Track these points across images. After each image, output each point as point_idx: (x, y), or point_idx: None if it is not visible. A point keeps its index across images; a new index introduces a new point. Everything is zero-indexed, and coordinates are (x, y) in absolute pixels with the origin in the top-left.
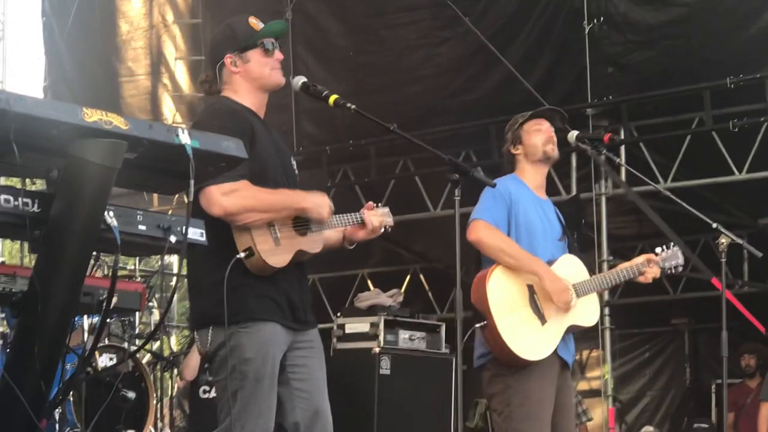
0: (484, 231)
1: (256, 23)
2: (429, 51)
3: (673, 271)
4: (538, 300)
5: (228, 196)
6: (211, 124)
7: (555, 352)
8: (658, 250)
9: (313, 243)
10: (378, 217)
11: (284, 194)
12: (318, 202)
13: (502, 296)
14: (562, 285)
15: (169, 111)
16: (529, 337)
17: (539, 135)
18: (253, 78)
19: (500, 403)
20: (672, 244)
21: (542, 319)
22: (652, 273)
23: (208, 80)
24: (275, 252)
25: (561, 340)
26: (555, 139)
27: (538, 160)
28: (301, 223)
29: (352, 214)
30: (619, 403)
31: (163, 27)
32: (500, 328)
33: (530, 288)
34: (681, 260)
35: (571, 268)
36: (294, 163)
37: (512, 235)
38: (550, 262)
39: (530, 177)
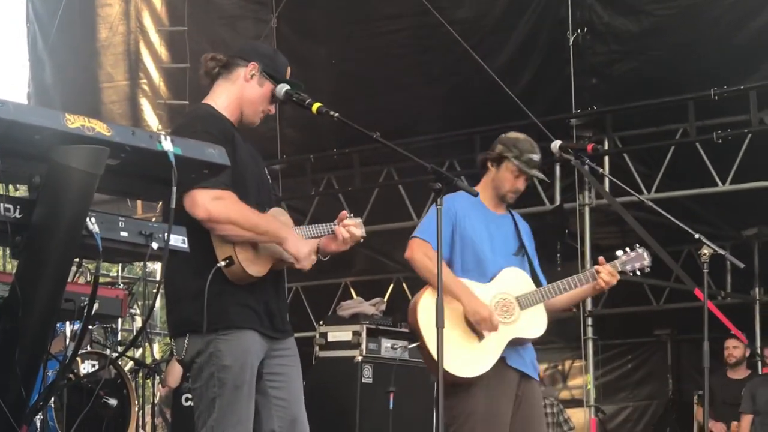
0: (417, 251)
1: (289, 72)
2: (413, 59)
3: (638, 273)
4: None
5: (215, 202)
6: (194, 128)
7: (506, 364)
8: (619, 252)
9: None
10: (349, 228)
11: (270, 221)
12: (300, 250)
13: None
14: (485, 313)
15: (152, 117)
16: (464, 355)
17: (513, 181)
18: (248, 99)
19: (446, 416)
20: (637, 245)
21: (479, 336)
22: (605, 273)
23: (219, 61)
24: (255, 261)
25: (514, 351)
26: (521, 191)
27: (495, 194)
28: None
29: (325, 225)
30: (602, 414)
31: (140, 32)
32: (432, 349)
33: None
34: (647, 261)
35: (514, 281)
36: (268, 174)
37: (457, 251)
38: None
39: (489, 194)
